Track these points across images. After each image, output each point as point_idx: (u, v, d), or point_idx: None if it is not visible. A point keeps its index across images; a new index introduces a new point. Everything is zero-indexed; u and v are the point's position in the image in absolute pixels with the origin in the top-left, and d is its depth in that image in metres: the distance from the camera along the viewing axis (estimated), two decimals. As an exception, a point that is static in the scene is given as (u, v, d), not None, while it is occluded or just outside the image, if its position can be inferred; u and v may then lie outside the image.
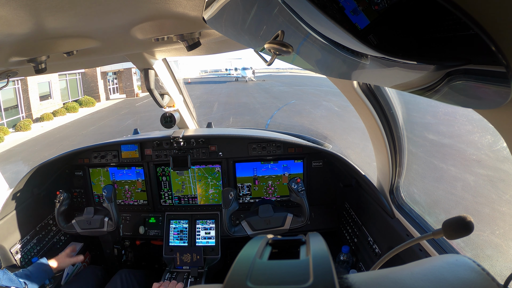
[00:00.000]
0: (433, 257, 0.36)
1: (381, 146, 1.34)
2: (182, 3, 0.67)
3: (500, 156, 1.82)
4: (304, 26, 0.43)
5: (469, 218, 0.59)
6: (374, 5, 0.34)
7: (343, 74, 0.74)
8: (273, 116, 12.53)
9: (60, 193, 1.71)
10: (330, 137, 8.10)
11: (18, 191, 1.71)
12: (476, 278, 0.30)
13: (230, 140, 1.90)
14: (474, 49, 0.35)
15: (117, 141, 1.92)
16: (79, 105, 18.03)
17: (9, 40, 0.81)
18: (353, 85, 1.18)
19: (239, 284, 0.23)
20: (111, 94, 22.58)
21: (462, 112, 1.85)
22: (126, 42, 1.06)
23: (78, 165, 2.01)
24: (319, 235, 0.30)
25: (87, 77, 20.43)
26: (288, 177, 1.93)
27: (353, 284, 0.28)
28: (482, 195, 2.04)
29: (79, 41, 0.92)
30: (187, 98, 2.14)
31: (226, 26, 0.70)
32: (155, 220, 1.98)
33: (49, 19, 0.67)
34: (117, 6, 0.65)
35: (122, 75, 23.28)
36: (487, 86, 0.39)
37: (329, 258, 0.25)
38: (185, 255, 1.81)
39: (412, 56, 0.39)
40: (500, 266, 1.32)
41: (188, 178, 1.97)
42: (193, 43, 0.98)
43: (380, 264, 0.68)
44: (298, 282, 0.22)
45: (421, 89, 0.47)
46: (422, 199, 1.48)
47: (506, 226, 1.52)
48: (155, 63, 1.64)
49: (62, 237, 1.99)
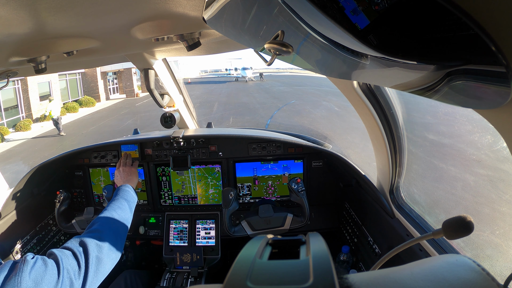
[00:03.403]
0: (433, 257, 0.36)
1: (381, 146, 1.34)
2: (182, 3, 0.67)
3: (500, 156, 1.82)
4: (304, 26, 0.43)
5: (469, 218, 0.59)
6: (374, 5, 0.34)
7: (343, 74, 0.74)
8: (273, 116, 12.53)
9: (60, 193, 1.71)
10: (330, 137, 8.10)
11: (18, 191, 1.71)
12: (476, 278, 0.30)
13: (230, 140, 1.90)
14: (474, 49, 0.35)
15: (117, 141, 1.92)
16: (79, 105, 18.03)
17: (9, 40, 0.81)
18: (353, 85, 1.18)
19: (239, 284, 0.23)
20: (111, 94, 22.58)
21: (462, 112, 1.85)
22: (126, 42, 1.06)
23: (78, 165, 2.01)
24: (319, 235, 0.30)
25: (87, 77, 20.44)
26: (288, 177, 1.93)
27: (353, 284, 0.28)
28: (482, 195, 2.04)
29: (79, 41, 0.93)
30: (187, 98, 2.14)
31: (226, 26, 0.70)
32: (155, 220, 1.98)
33: (49, 19, 0.68)
34: (117, 6, 0.66)
35: (122, 75, 23.28)
36: (487, 86, 0.39)
37: (329, 258, 0.25)
38: (185, 255, 1.81)
39: (412, 56, 0.39)
40: (500, 266, 1.32)
41: (188, 178, 1.97)
42: (193, 43, 0.98)
43: (380, 264, 0.68)
44: (298, 282, 0.22)
45: (421, 89, 0.47)
46: (422, 199, 1.48)
47: (506, 226, 1.52)
48: (155, 63, 1.64)
49: (62, 237, 1.99)
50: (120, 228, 1.20)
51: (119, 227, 1.19)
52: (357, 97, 1.22)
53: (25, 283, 0.83)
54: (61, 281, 0.89)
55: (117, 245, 1.13)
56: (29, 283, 0.84)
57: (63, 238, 2.00)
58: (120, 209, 1.27)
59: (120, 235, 1.18)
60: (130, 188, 1.45)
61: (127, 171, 1.63)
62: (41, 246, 1.82)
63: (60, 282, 0.89)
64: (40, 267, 0.88)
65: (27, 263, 0.88)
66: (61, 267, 0.91)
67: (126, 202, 1.33)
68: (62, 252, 0.98)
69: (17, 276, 0.83)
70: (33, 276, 0.85)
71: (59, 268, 0.91)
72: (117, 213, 1.23)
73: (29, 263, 0.88)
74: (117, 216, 1.22)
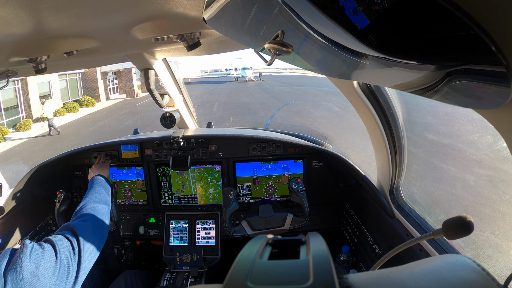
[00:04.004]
0: (433, 257, 0.36)
1: (381, 146, 1.34)
2: (182, 3, 0.67)
3: (500, 156, 1.82)
4: (304, 26, 0.43)
5: (469, 218, 0.59)
6: (374, 5, 0.34)
7: (343, 74, 0.74)
8: (273, 116, 12.53)
9: (60, 193, 1.71)
10: (330, 137, 8.09)
11: (18, 191, 1.71)
12: (476, 278, 0.30)
13: (230, 140, 1.90)
14: (474, 49, 0.35)
15: (117, 141, 1.92)
16: (79, 105, 18.03)
17: (9, 40, 0.81)
18: (353, 85, 1.18)
19: (239, 284, 0.23)
20: (111, 94, 22.58)
21: (462, 112, 1.85)
22: (126, 42, 1.06)
23: (78, 165, 2.01)
24: (319, 235, 0.30)
25: (87, 77, 20.43)
26: (288, 177, 1.93)
27: (353, 284, 0.28)
28: (482, 195, 2.04)
29: (79, 41, 0.93)
30: (187, 98, 2.14)
31: (226, 26, 0.70)
32: (155, 220, 1.98)
33: (49, 19, 0.68)
34: (117, 6, 0.66)
35: (122, 75, 23.28)
36: (487, 86, 0.39)
37: (329, 258, 0.25)
38: (185, 255, 1.81)
39: (412, 56, 0.39)
40: (500, 266, 1.32)
41: (188, 178, 1.97)
42: (193, 43, 0.98)
43: (380, 264, 0.68)
44: (298, 282, 0.22)
45: (421, 89, 0.47)
46: (422, 199, 1.48)
47: (506, 226, 1.52)
48: (155, 63, 1.64)
49: (62, 237, 1.99)
50: (101, 210, 1.31)
51: (100, 209, 1.30)
52: (357, 97, 1.22)
53: (26, 264, 0.87)
54: (59, 261, 0.95)
55: (102, 226, 1.25)
56: (31, 265, 0.88)
57: (63, 238, 1.99)
58: (98, 193, 1.41)
59: (103, 216, 1.29)
60: (101, 176, 1.55)
61: (98, 166, 1.73)
62: None
63: (58, 263, 0.94)
64: (38, 250, 0.93)
65: (26, 247, 0.92)
66: (57, 248, 0.97)
67: (101, 187, 1.47)
68: (56, 236, 1.04)
69: (18, 260, 0.87)
70: (33, 258, 0.90)
71: (55, 249, 0.97)
72: (96, 197, 1.37)
73: (27, 247, 0.92)
74: (97, 200, 1.35)
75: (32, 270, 0.87)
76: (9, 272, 0.85)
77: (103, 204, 1.35)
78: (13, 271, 0.85)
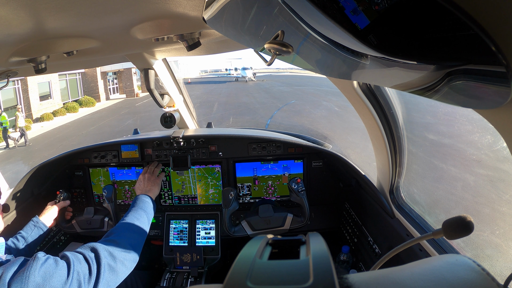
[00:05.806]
0: (433, 257, 0.36)
1: (381, 146, 1.34)
2: (182, 3, 0.67)
3: (500, 156, 1.82)
4: (304, 26, 0.43)
5: (469, 218, 0.59)
6: (374, 5, 0.34)
7: (343, 74, 0.74)
8: (273, 116, 12.53)
9: (60, 193, 1.71)
10: (330, 137, 8.09)
11: (18, 191, 1.71)
12: (476, 278, 0.30)
13: (230, 140, 1.90)
14: (474, 49, 0.35)
15: (117, 141, 1.92)
16: (79, 105, 18.04)
17: (9, 40, 0.81)
18: (353, 85, 1.18)
19: (239, 284, 0.23)
20: (111, 94, 22.59)
21: (462, 112, 1.85)
22: (126, 42, 1.06)
23: (78, 165, 2.01)
24: (319, 235, 0.30)
25: (87, 77, 20.44)
26: (288, 177, 1.93)
27: (353, 284, 0.28)
28: (482, 195, 2.04)
29: (79, 41, 0.93)
30: (187, 98, 2.14)
31: (226, 26, 0.70)
32: (155, 220, 1.98)
33: (49, 19, 0.68)
34: (117, 6, 0.66)
35: (122, 75, 23.29)
36: (487, 86, 0.39)
37: (329, 258, 0.25)
38: (185, 255, 1.81)
39: (412, 56, 0.39)
40: (500, 266, 1.32)
41: (188, 178, 1.97)
42: (193, 43, 0.98)
43: (380, 264, 0.68)
44: (298, 282, 0.22)
45: (421, 89, 0.47)
46: (422, 199, 1.48)
47: (506, 226, 1.52)
48: (155, 63, 1.64)
49: (62, 237, 1.99)
50: (136, 239, 1.20)
51: (135, 239, 1.20)
52: (357, 97, 1.22)
53: (33, 278, 0.84)
54: (69, 282, 0.90)
55: (132, 256, 1.13)
56: (37, 278, 0.85)
57: (63, 238, 2.00)
58: (138, 220, 1.28)
59: (136, 247, 1.18)
60: (150, 199, 1.45)
61: (151, 180, 1.63)
62: (41, 246, 1.82)
63: (68, 283, 0.90)
64: (50, 265, 0.90)
65: (38, 260, 0.89)
66: (71, 268, 0.92)
67: (145, 213, 1.34)
68: (75, 255, 0.98)
69: (26, 271, 0.85)
70: (42, 272, 0.87)
71: (69, 269, 0.92)
72: (135, 225, 1.24)
73: (39, 260, 0.89)
74: (135, 228, 1.23)
75: (38, 285, 0.84)
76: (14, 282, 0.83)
77: (141, 234, 1.23)
78: (18, 282, 0.83)
